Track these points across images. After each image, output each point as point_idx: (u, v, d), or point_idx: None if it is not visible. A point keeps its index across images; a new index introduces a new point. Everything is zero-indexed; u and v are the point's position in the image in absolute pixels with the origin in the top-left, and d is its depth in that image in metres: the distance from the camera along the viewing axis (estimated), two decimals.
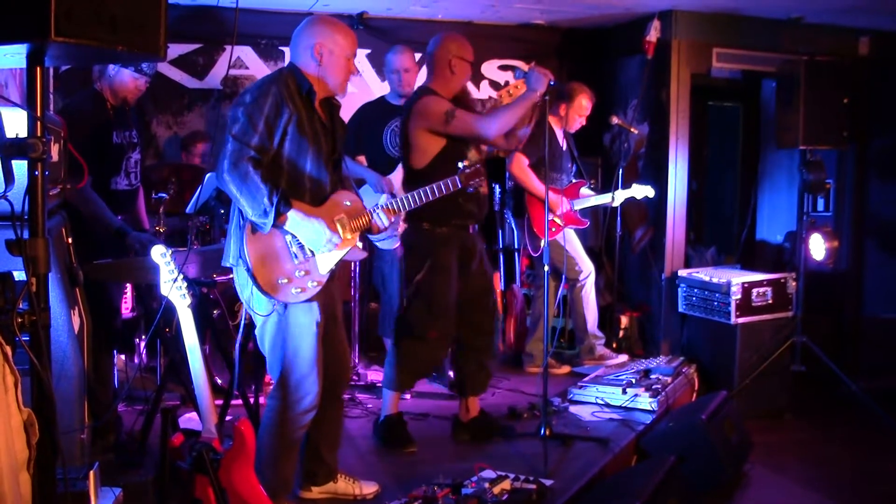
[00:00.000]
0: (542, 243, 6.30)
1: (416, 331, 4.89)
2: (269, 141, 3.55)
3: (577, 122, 6.57)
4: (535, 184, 6.29)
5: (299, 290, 3.62)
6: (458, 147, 4.76)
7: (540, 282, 6.61)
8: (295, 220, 3.55)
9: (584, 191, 6.61)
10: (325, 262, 3.70)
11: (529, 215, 6.39)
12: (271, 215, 3.46)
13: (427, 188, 4.20)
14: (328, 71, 3.73)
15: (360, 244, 3.93)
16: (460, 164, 4.34)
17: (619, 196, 6.61)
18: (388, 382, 5.03)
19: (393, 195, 5.29)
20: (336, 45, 3.72)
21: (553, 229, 6.35)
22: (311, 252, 3.65)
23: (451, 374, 5.89)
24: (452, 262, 4.86)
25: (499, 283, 6.92)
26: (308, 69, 3.72)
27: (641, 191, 6.69)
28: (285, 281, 3.60)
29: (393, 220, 4.02)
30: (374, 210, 3.94)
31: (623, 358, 6.76)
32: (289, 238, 3.61)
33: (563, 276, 6.56)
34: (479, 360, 5.09)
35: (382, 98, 6.06)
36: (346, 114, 6.03)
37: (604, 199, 6.61)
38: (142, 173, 5.13)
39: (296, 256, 3.62)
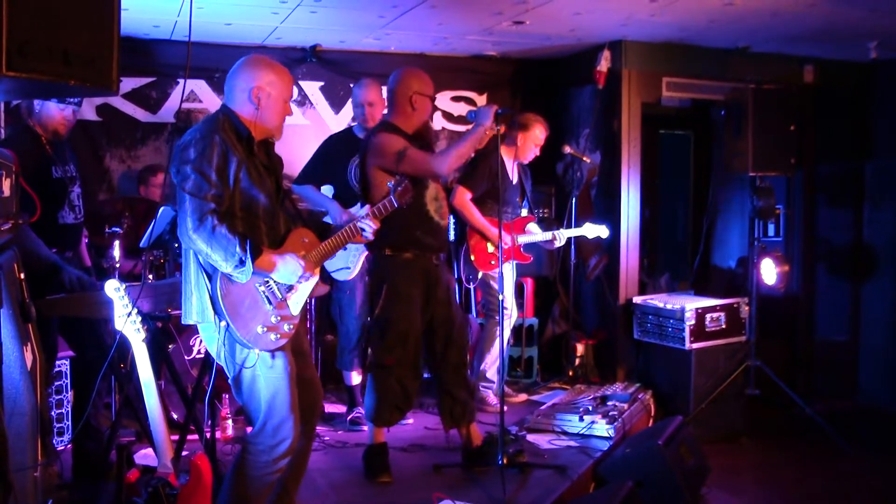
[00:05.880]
0: (480, 275, 6.34)
1: (375, 357, 4.89)
2: (225, 190, 3.49)
3: (532, 152, 6.54)
4: (476, 217, 6.24)
5: (278, 335, 3.57)
6: (414, 183, 4.70)
7: (490, 311, 6.57)
8: (265, 261, 3.52)
9: (532, 227, 6.51)
10: (297, 301, 3.68)
11: (468, 245, 6.36)
12: (248, 263, 3.41)
13: (376, 206, 4.27)
14: (266, 115, 3.66)
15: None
16: (389, 184, 4.35)
17: (564, 235, 6.53)
18: (366, 413, 5.02)
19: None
20: (274, 88, 3.65)
21: (493, 262, 6.29)
22: (283, 294, 3.62)
23: None
24: (413, 290, 4.84)
25: None
26: (244, 112, 3.64)
27: (594, 230, 6.60)
28: (265, 329, 3.53)
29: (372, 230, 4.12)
30: (361, 220, 4.05)
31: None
32: (258, 284, 3.56)
33: (516, 306, 6.59)
34: (449, 392, 5.02)
35: (350, 130, 5.96)
36: (305, 145, 6.05)
37: (547, 236, 6.48)
38: (95, 207, 5.06)
39: (269, 301, 3.57)
